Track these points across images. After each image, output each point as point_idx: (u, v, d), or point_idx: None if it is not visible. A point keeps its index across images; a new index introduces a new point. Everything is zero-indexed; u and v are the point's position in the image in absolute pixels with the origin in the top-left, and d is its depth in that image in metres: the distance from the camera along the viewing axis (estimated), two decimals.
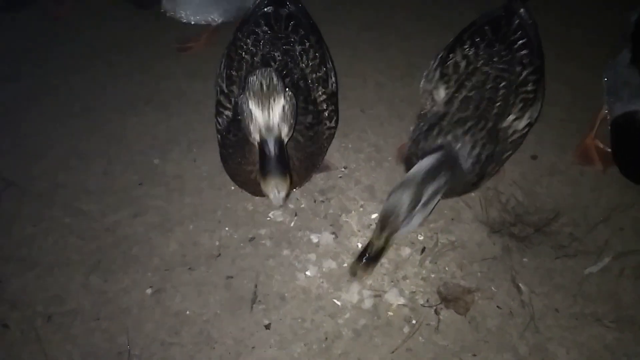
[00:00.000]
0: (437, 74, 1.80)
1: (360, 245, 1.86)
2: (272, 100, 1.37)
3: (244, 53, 1.77)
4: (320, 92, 1.79)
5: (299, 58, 1.77)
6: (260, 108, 1.37)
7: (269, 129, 1.39)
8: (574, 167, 2.12)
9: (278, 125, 1.40)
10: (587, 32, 2.76)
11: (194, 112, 2.34)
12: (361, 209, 1.97)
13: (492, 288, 1.76)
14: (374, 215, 1.95)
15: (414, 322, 1.68)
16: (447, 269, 1.81)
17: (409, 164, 1.75)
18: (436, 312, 1.70)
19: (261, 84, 1.38)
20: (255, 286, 1.76)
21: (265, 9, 1.91)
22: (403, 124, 2.28)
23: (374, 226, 1.91)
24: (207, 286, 1.76)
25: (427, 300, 1.73)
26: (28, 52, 2.63)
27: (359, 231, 1.91)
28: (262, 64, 1.72)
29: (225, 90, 1.77)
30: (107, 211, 1.97)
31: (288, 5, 1.95)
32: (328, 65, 1.89)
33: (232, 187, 2.04)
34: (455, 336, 1.65)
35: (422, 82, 1.89)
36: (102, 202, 2.00)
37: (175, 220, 1.94)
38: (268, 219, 1.95)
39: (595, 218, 1.94)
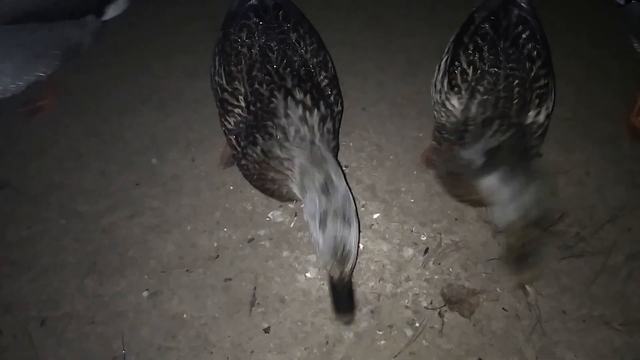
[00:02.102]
0: (446, 85, 1.75)
1: (361, 247, 1.81)
2: (348, 264, 1.44)
3: (239, 46, 1.74)
4: (322, 77, 1.76)
5: (297, 45, 1.75)
6: (336, 266, 1.43)
7: (341, 280, 1.46)
8: (579, 166, 2.08)
9: (351, 274, 1.47)
10: (591, 30, 2.72)
11: (192, 112, 2.30)
12: (362, 209, 1.92)
13: (498, 289, 1.72)
14: (376, 215, 1.91)
15: (417, 325, 1.64)
16: (451, 270, 1.76)
17: (451, 187, 1.79)
18: (440, 315, 1.66)
19: (335, 251, 1.42)
20: (254, 288, 1.72)
21: (251, 2, 1.85)
22: (405, 122, 2.24)
23: (375, 226, 1.88)
24: (205, 289, 1.72)
25: (431, 303, 1.69)
26: None
27: (360, 231, 1.86)
28: (260, 55, 1.70)
29: (229, 88, 1.73)
30: (103, 212, 1.94)
31: None
32: (325, 49, 1.86)
33: (231, 187, 2.01)
34: (459, 339, 1.61)
35: (431, 92, 1.85)
36: (99, 203, 1.97)
37: (172, 221, 1.91)
38: (267, 219, 1.91)
39: (602, 218, 1.90)
